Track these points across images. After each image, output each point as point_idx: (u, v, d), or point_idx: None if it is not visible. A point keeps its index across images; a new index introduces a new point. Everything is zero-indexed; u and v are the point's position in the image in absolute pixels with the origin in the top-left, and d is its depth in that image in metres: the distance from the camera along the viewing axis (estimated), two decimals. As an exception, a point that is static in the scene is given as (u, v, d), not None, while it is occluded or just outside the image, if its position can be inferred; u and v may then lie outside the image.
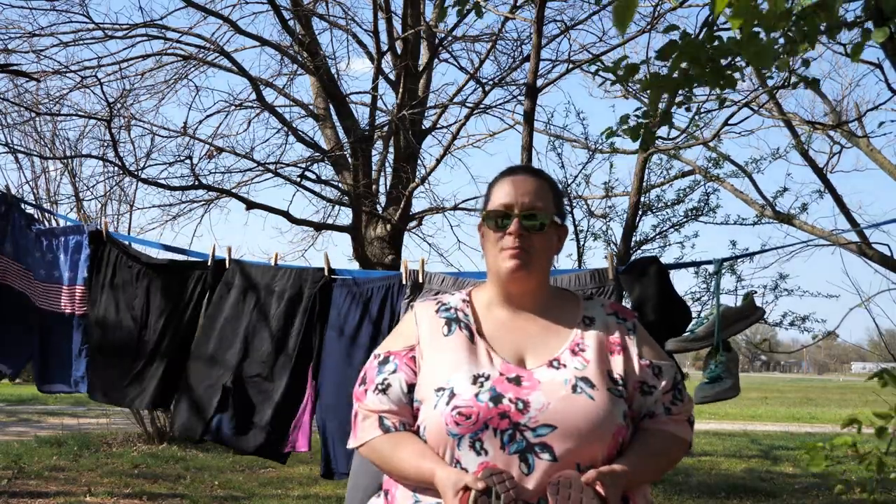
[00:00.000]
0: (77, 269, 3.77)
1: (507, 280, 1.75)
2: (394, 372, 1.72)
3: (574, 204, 9.92)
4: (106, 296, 3.72)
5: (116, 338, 3.69)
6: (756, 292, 9.02)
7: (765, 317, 3.10)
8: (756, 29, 1.96)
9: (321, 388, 3.40)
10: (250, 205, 7.10)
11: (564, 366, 1.66)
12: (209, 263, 3.64)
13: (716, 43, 2.39)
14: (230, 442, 3.50)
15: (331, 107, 8.08)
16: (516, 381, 1.63)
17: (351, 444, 1.77)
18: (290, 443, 3.45)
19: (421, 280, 3.30)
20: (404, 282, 3.33)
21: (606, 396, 1.62)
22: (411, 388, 1.70)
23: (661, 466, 1.73)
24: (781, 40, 2.26)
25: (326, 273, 3.49)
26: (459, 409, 1.58)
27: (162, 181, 7.55)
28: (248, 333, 3.52)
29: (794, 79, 2.71)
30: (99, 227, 3.80)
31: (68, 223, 4.17)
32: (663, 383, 1.74)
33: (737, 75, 2.51)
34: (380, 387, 1.72)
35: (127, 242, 3.89)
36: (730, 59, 2.46)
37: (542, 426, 1.56)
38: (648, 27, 6.73)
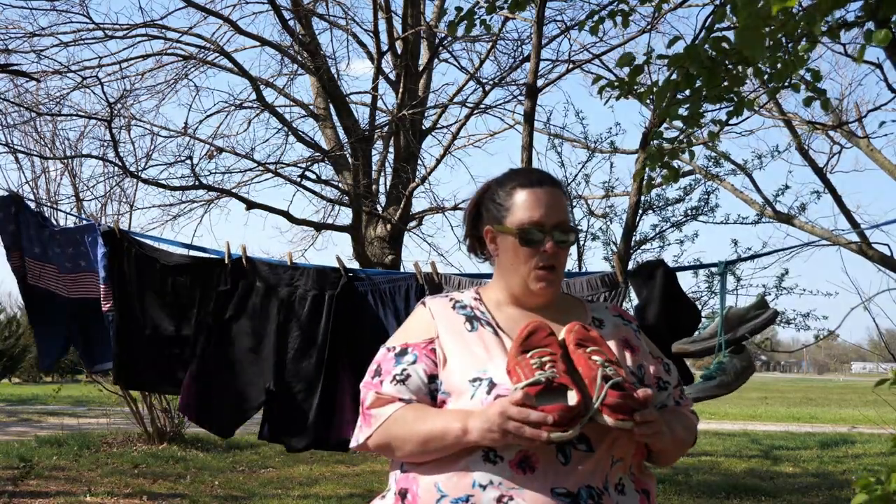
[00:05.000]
0: (97, 266, 3.80)
1: (533, 294, 1.74)
2: (413, 363, 1.68)
3: (574, 204, 9.91)
4: (133, 294, 3.76)
5: (151, 335, 3.73)
6: (768, 293, 9.04)
7: (775, 319, 3.06)
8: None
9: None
10: (250, 205, 7.10)
11: None
12: (227, 262, 3.66)
13: (723, 44, 2.39)
14: (281, 442, 3.61)
15: (331, 107, 8.08)
16: None
17: (359, 437, 1.70)
18: (336, 433, 3.51)
19: (437, 280, 3.39)
20: (421, 281, 3.40)
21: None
22: (431, 378, 1.67)
23: (683, 435, 1.73)
24: (783, 40, 2.27)
25: (343, 273, 3.55)
26: (502, 397, 1.55)
27: (162, 181, 7.55)
28: (279, 335, 3.57)
29: (806, 92, 2.71)
30: (111, 226, 3.82)
31: (83, 222, 4.21)
32: (673, 379, 1.80)
33: (745, 88, 2.51)
34: (398, 377, 1.67)
35: (143, 240, 3.92)
36: (730, 61, 2.46)
37: None
38: (648, 27, 6.73)
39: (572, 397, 1.50)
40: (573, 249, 9.97)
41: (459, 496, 1.54)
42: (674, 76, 2.50)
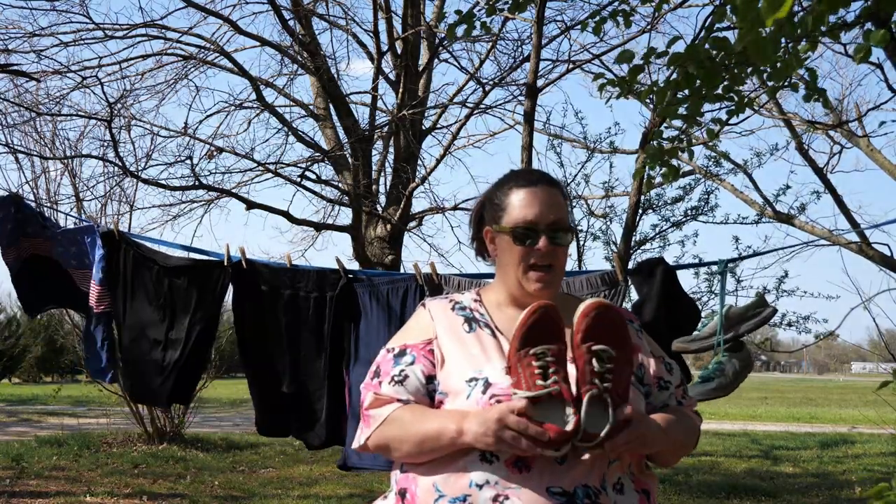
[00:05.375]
0: (94, 267, 3.80)
1: (530, 295, 1.74)
2: (411, 364, 1.70)
3: (574, 204, 9.92)
4: (129, 295, 3.77)
5: (145, 336, 3.75)
6: (769, 291, 9.03)
7: (773, 316, 3.06)
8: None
9: (352, 387, 3.49)
10: (250, 205, 7.10)
11: None
12: (226, 264, 3.67)
13: (723, 44, 2.39)
14: (301, 438, 3.69)
15: (331, 107, 8.08)
16: None
17: (360, 438, 1.71)
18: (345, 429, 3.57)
19: (437, 281, 3.41)
20: (420, 282, 3.42)
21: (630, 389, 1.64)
22: (429, 379, 1.68)
23: (682, 437, 1.72)
24: (783, 41, 2.27)
25: (343, 274, 3.56)
26: (498, 397, 1.57)
27: (162, 181, 7.55)
28: (289, 337, 3.61)
29: (804, 91, 2.72)
30: (110, 227, 3.83)
31: (83, 222, 4.23)
32: (675, 379, 1.79)
33: (745, 88, 2.51)
34: (396, 378, 1.69)
35: (141, 242, 3.93)
36: (730, 60, 2.47)
37: None
38: (649, 27, 6.73)
39: (570, 417, 1.50)
40: (573, 249, 9.99)
41: (457, 496, 1.55)
42: (674, 76, 2.51)
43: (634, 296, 3.34)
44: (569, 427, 1.49)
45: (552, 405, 1.51)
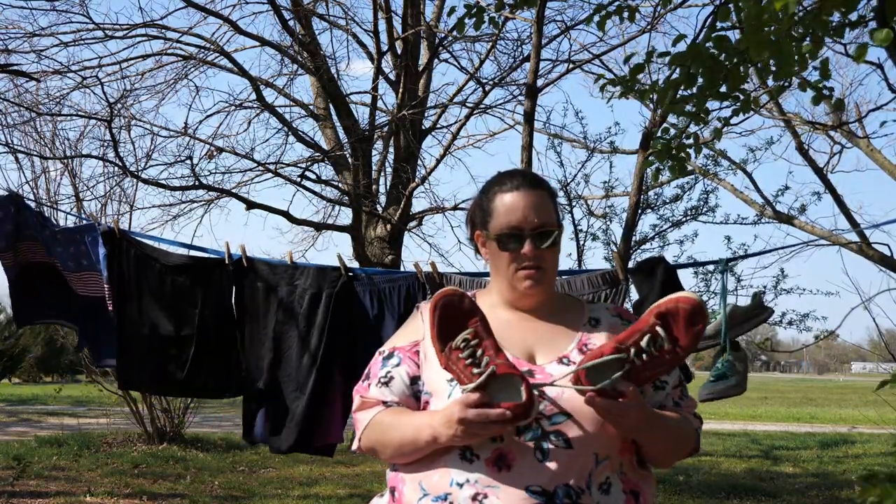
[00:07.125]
0: (100, 266, 3.80)
1: (521, 296, 1.75)
2: (397, 365, 1.72)
3: (574, 204, 9.92)
4: (133, 295, 3.76)
5: (150, 336, 3.74)
6: (765, 292, 9.04)
7: (769, 317, 3.09)
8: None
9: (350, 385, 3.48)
10: (250, 205, 7.10)
11: (574, 363, 1.66)
12: (227, 261, 3.66)
13: (725, 43, 2.39)
14: (265, 442, 3.62)
15: (331, 107, 8.09)
16: (529, 374, 1.63)
17: (355, 441, 1.75)
18: (322, 436, 3.52)
19: (437, 280, 3.41)
20: (422, 280, 3.41)
21: None
22: (413, 380, 1.70)
23: (676, 435, 1.70)
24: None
25: (343, 272, 3.55)
26: (454, 403, 1.57)
27: (162, 181, 7.55)
28: (276, 334, 3.59)
29: (812, 93, 2.72)
30: (110, 226, 3.83)
31: (83, 222, 4.24)
32: (673, 379, 1.76)
33: (749, 86, 2.51)
34: (382, 380, 1.72)
35: (142, 240, 3.93)
36: (732, 59, 2.46)
37: (557, 414, 1.57)
38: (649, 27, 6.73)
39: (520, 386, 1.51)
40: (573, 249, 10.00)
41: (439, 494, 1.57)
42: (675, 75, 2.51)
43: (635, 295, 3.34)
44: (523, 397, 1.51)
45: (499, 383, 1.53)
